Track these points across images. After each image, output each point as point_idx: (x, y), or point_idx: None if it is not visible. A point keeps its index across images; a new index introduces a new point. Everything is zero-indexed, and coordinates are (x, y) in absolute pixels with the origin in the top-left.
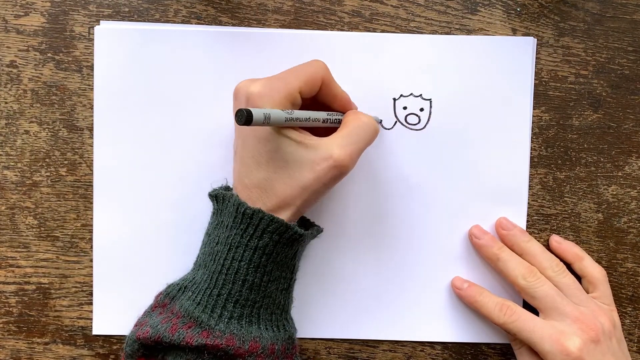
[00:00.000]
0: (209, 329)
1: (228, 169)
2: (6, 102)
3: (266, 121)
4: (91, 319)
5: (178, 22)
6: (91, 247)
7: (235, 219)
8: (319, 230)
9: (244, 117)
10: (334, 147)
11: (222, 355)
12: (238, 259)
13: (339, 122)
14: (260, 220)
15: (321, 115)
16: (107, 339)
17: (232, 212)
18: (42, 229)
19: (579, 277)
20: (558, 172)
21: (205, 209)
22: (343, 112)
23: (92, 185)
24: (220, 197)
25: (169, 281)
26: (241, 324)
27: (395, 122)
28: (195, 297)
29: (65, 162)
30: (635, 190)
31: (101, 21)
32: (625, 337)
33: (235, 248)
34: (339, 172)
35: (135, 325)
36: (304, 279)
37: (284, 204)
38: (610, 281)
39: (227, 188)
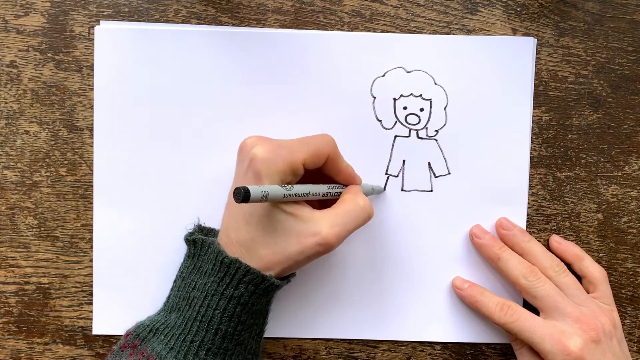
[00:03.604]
0: None
1: (227, 168)
2: (6, 102)
3: (264, 199)
4: (91, 319)
5: (178, 22)
6: (91, 247)
7: (214, 266)
8: (293, 275)
9: (241, 196)
10: (323, 224)
11: None
12: (213, 307)
13: (339, 194)
14: (237, 270)
15: (321, 189)
16: (107, 339)
17: (211, 259)
18: (42, 229)
19: (579, 277)
20: (558, 172)
21: (204, 208)
22: (345, 185)
23: (92, 185)
24: (199, 243)
25: (141, 318)
26: None
27: (395, 122)
28: (169, 341)
29: (65, 162)
30: (635, 190)
31: (101, 21)
32: (625, 337)
33: (212, 296)
34: (323, 249)
35: None
36: (304, 280)
37: (265, 268)
38: (610, 281)
39: (201, 228)
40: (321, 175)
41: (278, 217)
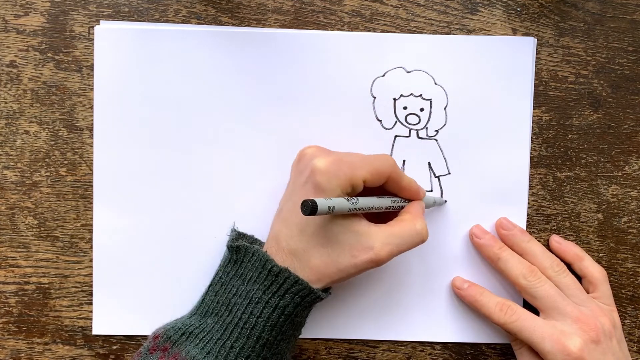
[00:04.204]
0: None
1: (227, 167)
2: (6, 102)
3: (330, 212)
4: (91, 319)
5: (178, 22)
6: (91, 247)
7: (260, 274)
8: (331, 288)
9: (309, 209)
10: (377, 241)
11: None
12: (256, 315)
13: (402, 207)
14: (286, 280)
15: (384, 203)
16: (107, 339)
17: (256, 267)
18: (42, 229)
19: (579, 277)
20: (558, 172)
21: (204, 209)
22: (409, 199)
23: (92, 185)
24: (242, 249)
25: (165, 319)
26: None
27: (395, 122)
28: (205, 345)
29: (65, 162)
30: (635, 190)
31: (101, 21)
32: (625, 337)
33: (255, 303)
34: (374, 265)
35: None
36: None
37: (316, 279)
38: (610, 281)
39: (241, 234)
40: (382, 188)
41: (334, 229)
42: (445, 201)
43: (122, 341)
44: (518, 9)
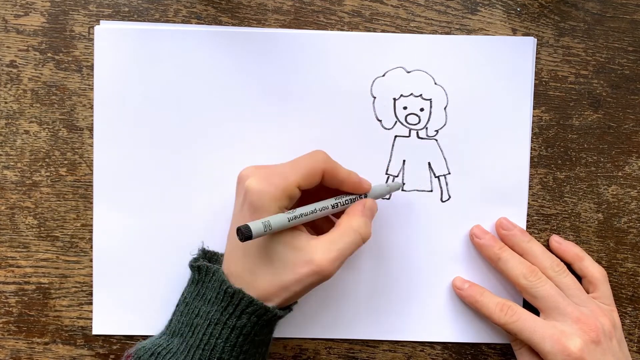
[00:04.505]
0: None
1: (226, 167)
2: (6, 102)
3: (267, 231)
4: (91, 319)
5: (178, 22)
6: (91, 247)
7: (218, 295)
8: (295, 303)
9: (244, 236)
10: (317, 251)
11: None
12: (216, 336)
13: (352, 202)
14: (240, 301)
15: (328, 203)
16: (107, 339)
17: (215, 287)
18: (42, 229)
19: (579, 277)
20: (558, 172)
21: (204, 209)
22: (355, 194)
23: (92, 185)
24: (203, 269)
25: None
26: None
27: (395, 122)
28: None
29: (65, 162)
30: (635, 190)
31: (101, 21)
32: (625, 337)
33: (214, 325)
34: (318, 277)
35: None
36: None
37: (264, 298)
38: (610, 281)
39: (206, 252)
40: (331, 190)
41: (274, 247)
42: (404, 184)
43: (122, 341)
44: (518, 9)
